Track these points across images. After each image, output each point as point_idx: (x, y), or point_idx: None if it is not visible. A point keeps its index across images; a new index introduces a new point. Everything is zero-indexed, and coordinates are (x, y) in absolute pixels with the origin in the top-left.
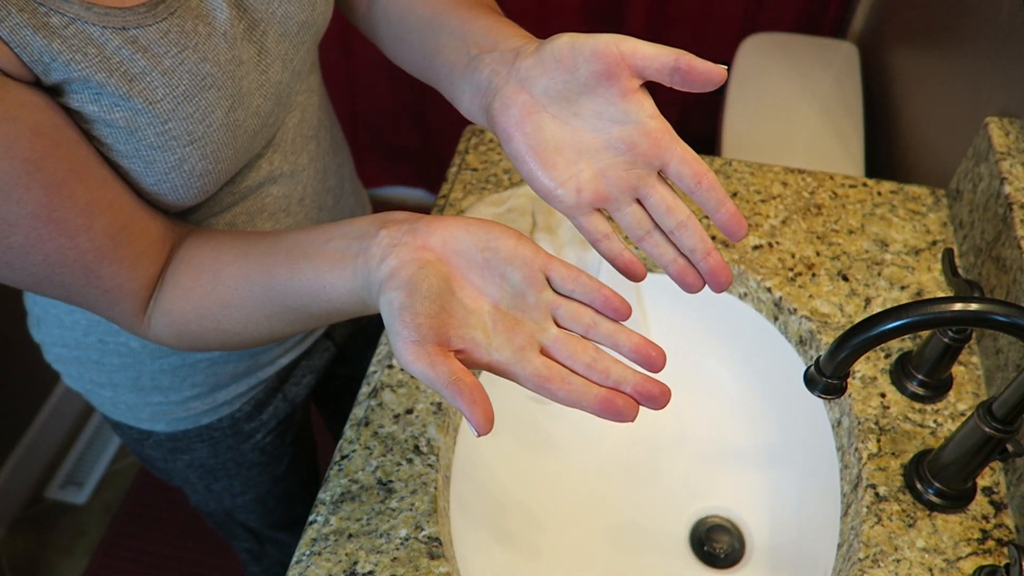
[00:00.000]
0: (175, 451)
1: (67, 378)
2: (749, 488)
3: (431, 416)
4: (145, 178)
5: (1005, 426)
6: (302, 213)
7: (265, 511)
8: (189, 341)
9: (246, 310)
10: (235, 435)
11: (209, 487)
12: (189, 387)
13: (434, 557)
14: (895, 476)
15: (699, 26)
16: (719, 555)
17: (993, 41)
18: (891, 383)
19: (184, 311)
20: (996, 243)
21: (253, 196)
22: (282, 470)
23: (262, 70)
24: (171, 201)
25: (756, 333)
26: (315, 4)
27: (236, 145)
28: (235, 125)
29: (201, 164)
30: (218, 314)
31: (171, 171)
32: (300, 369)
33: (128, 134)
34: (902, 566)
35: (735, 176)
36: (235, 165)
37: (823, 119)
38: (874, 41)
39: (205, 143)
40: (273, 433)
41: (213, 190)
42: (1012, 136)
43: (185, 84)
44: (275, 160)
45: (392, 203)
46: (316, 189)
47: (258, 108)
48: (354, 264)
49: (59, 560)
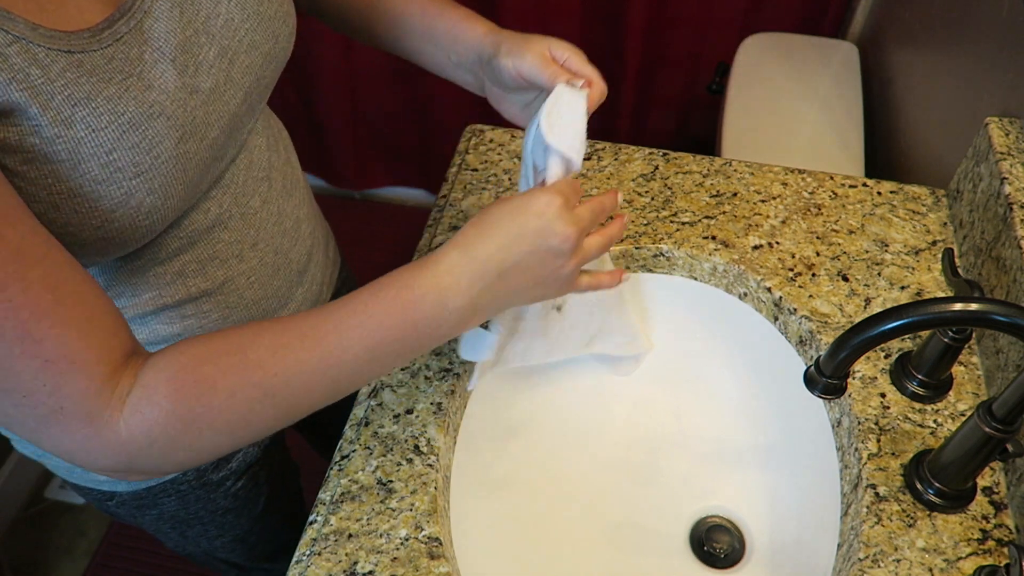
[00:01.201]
0: (142, 508)
1: (16, 443)
2: (749, 488)
3: (431, 416)
4: (91, 217)
5: (1005, 426)
6: (255, 258)
7: (247, 548)
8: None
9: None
10: (203, 487)
11: (183, 534)
12: None
13: (434, 557)
14: (895, 476)
15: (699, 26)
16: (719, 555)
17: (993, 41)
18: (891, 383)
19: (202, 355)
20: (996, 243)
21: (203, 242)
22: (259, 510)
23: (224, 100)
24: (119, 243)
25: (756, 333)
26: (278, 37)
27: (186, 180)
28: (185, 157)
29: (149, 200)
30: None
31: (117, 208)
32: None
33: (71, 167)
34: (902, 566)
35: (735, 176)
36: (184, 202)
37: (823, 119)
38: (874, 41)
39: (153, 176)
40: (244, 477)
41: (160, 227)
42: (1012, 136)
43: (131, 112)
44: (224, 202)
45: (392, 203)
46: (270, 232)
47: (213, 140)
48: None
49: (59, 560)
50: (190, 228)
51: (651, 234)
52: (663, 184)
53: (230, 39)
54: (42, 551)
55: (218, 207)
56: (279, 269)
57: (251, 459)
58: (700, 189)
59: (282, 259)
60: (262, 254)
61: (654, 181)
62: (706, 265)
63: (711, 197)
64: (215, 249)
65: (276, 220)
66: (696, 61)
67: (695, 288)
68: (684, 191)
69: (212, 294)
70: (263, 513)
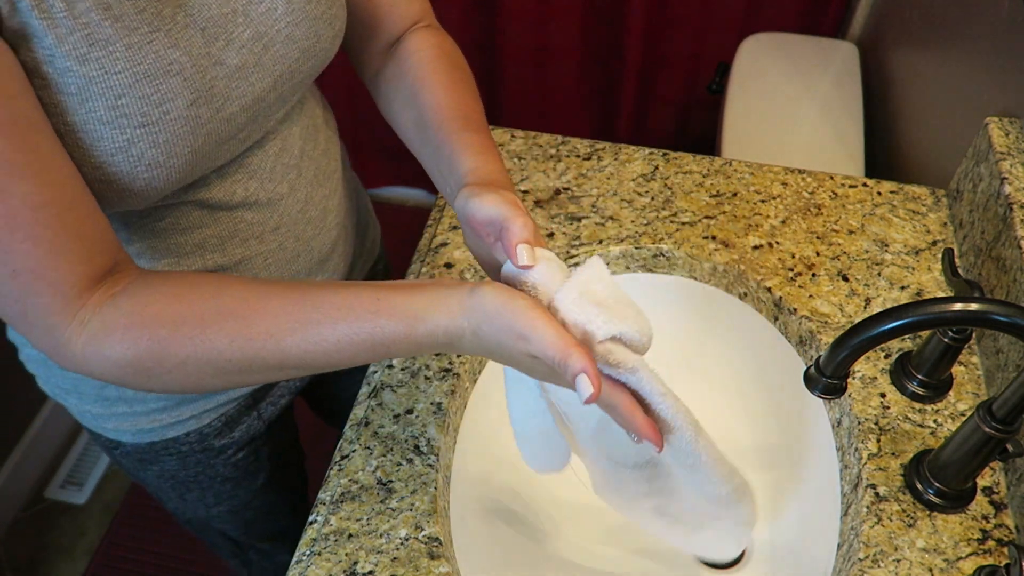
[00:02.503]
0: (143, 462)
1: (39, 381)
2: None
3: (431, 416)
4: (91, 156)
5: (1005, 426)
6: (276, 242)
7: (243, 522)
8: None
9: (255, 323)
10: (204, 450)
11: (182, 497)
12: (154, 399)
13: (434, 557)
14: (895, 476)
15: (699, 26)
16: None
17: (993, 41)
18: (891, 383)
19: (153, 315)
20: (996, 243)
21: (225, 219)
22: (259, 484)
23: (250, 82)
24: (117, 191)
25: (756, 333)
26: (320, 36)
27: (195, 145)
28: (196, 121)
29: (151, 152)
30: (209, 324)
31: (117, 153)
32: (278, 389)
33: (78, 103)
34: (902, 566)
35: (735, 176)
36: (191, 167)
37: (823, 119)
38: (874, 41)
39: (158, 130)
40: (246, 450)
41: (163, 188)
42: (1012, 136)
43: (148, 63)
44: (251, 187)
45: (392, 203)
46: (294, 219)
47: (231, 116)
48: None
49: (59, 560)
50: (214, 204)
51: (651, 234)
52: (663, 184)
53: (268, 27)
54: (42, 551)
55: (244, 190)
56: (299, 255)
57: (254, 432)
58: (700, 189)
59: (303, 246)
60: (283, 239)
61: (654, 181)
62: (706, 265)
63: (711, 197)
64: (236, 228)
65: (302, 208)
66: (696, 61)
67: (695, 288)
68: (684, 191)
69: (228, 270)
70: (262, 489)
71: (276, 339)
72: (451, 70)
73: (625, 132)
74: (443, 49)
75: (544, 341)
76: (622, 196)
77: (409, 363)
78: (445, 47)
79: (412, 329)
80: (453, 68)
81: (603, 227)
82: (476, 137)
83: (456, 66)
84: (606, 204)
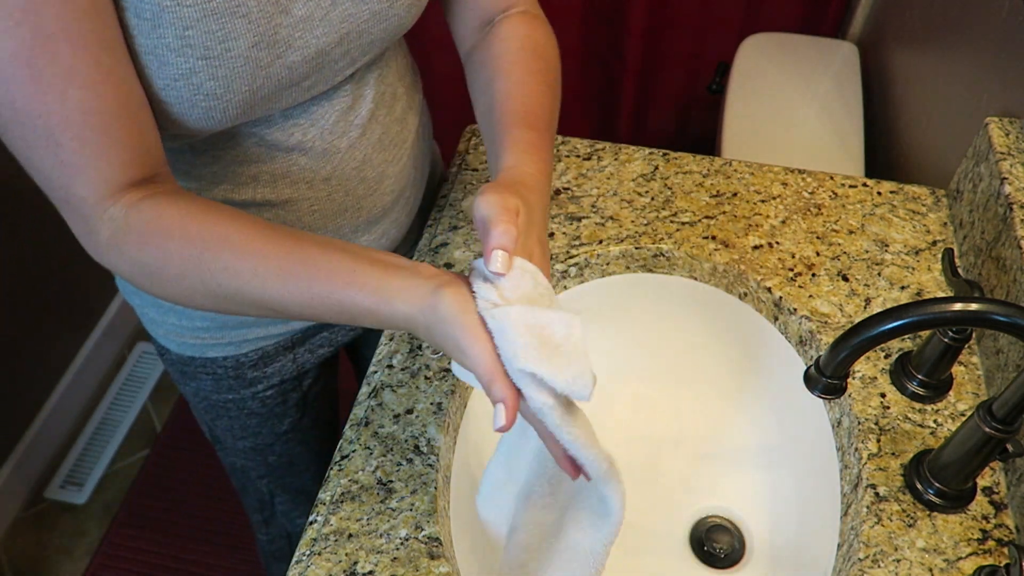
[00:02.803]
0: (184, 375)
1: (117, 281)
2: (749, 488)
3: (431, 416)
4: (156, 79)
5: (1005, 426)
6: (325, 191)
7: (266, 464)
8: (143, 264)
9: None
10: (237, 378)
11: (214, 421)
12: (199, 317)
13: (434, 557)
14: (895, 476)
15: (699, 26)
16: (719, 555)
17: (993, 41)
18: (891, 383)
19: (166, 227)
20: (996, 243)
21: (280, 159)
22: (283, 429)
23: (315, 34)
24: (178, 114)
25: (756, 333)
26: (393, 2)
27: (254, 85)
28: (255, 62)
29: (210, 84)
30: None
31: (180, 79)
32: (318, 339)
33: (151, 28)
34: (902, 566)
35: (735, 176)
36: (249, 105)
37: (823, 119)
38: (874, 41)
39: (219, 65)
40: (275, 389)
41: (221, 119)
42: (1012, 136)
43: (218, 1)
44: (309, 133)
45: None
46: (347, 175)
47: (292, 64)
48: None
49: (59, 560)
50: (272, 142)
51: (651, 234)
52: (663, 184)
53: None
54: (42, 551)
55: (302, 134)
56: (346, 210)
57: (286, 374)
58: (700, 189)
59: (352, 202)
60: (332, 190)
61: (654, 181)
62: (706, 265)
63: (711, 197)
64: (289, 169)
65: (358, 166)
66: (696, 61)
67: (695, 288)
68: (684, 191)
69: (275, 206)
70: (285, 436)
71: (260, 280)
72: (532, 62)
73: (625, 132)
74: (531, 40)
75: (477, 361)
76: (622, 196)
77: (409, 363)
78: (535, 37)
79: (377, 308)
80: (535, 60)
81: (603, 227)
82: (528, 134)
83: (539, 57)
84: (606, 204)
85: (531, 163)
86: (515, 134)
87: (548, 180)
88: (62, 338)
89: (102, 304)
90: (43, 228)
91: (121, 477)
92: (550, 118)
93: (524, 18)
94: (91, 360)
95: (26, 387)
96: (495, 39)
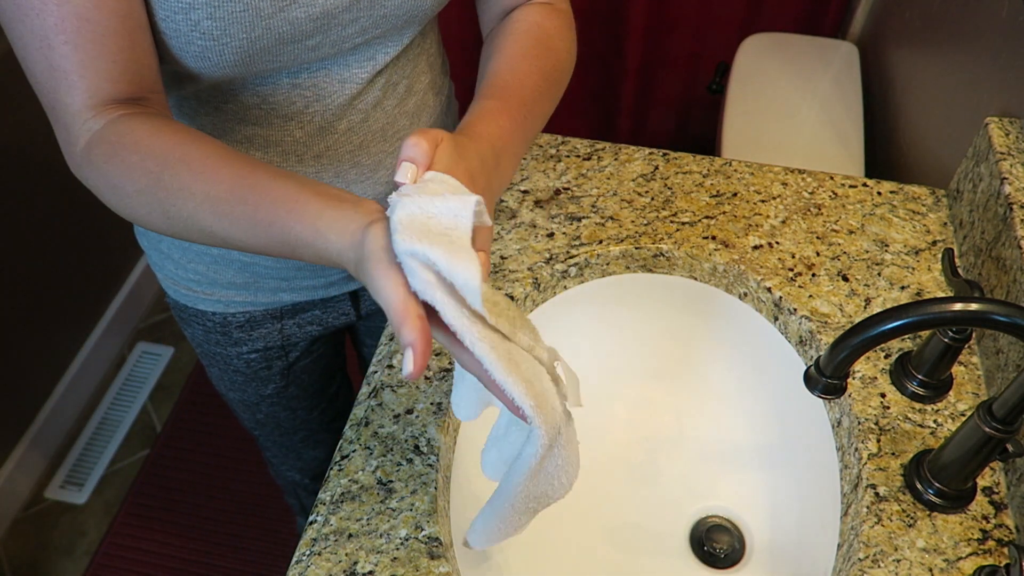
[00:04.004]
0: (182, 320)
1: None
2: (749, 488)
3: (431, 416)
4: (158, 9)
5: (1005, 426)
6: (315, 169)
7: (255, 420)
8: (107, 176)
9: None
10: (224, 335)
11: (209, 368)
12: (192, 271)
13: (434, 557)
14: (895, 476)
15: (699, 26)
16: (719, 555)
17: (993, 41)
18: (891, 383)
19: (133, 142)
20: (996, 243)
21: (279, 125)
22: (268, 392)
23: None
24: (176, 49)
25: (756, 333)
26: None
27: (252, 34)
28: (256, 11)
29: (207, 23)
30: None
31: (179, 12)
32: (307, 315)
33: None
34: (902, 566)
35: (735, 176)
36: (247, 53)
37: (823, 119)
38: (874, 41)
39: (219, 5)
40: (259, 354)
41: (218, 63)
42: (1012, 136)
43: None
44: (313, 106)
45: None
46: (340, 157)
47: (295, 20)
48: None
49: (59, 560)
50: (272, 106)
51: (651, 234)
52: (663, 184)
53: None
54: (42, 551)
55: (304, 104)
56: None
57: (271, 342)
58: (700, 189)
59: (341, 185)
60: (321, 169)
61: (654, 181)
62: (706, 265)
63: (711, 197)
64: (283, 138)
65: (353, 150)
66: (696, 61)
67: (695, 288)
68: (684, 191)
69: None
70: (271, 398)
71: (211, 203)
72: (531, 47)
73: (625, 132)
74: (539, 28)
75: (388, 303)
76: (622, 196)
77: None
78: (544, 26)
79: (314, 241)
80: (535, 45)
81: (603, 227)
82: (494, 103)
83: (541, 44)
84: (606, 204)
85: (482, 123)
86: (481, 104)
87: (500, 140)
88: (62, 338)
89: (102, 304)
90: (43, 229)
91: (121, 477)
92: (530, 97)
93: (541, 8)
94: (91, 360)
95: (26, 387)
96: (506, 24)
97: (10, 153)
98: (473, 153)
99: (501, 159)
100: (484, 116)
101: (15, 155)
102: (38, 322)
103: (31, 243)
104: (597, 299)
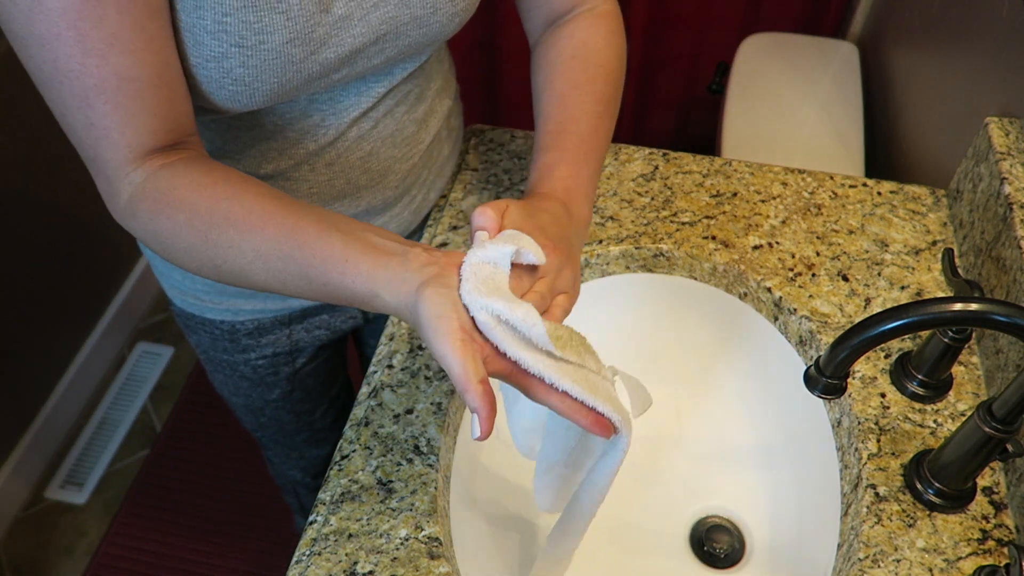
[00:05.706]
0: (187, 327)
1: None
2: (749, 488)
3: (431, 416)
4: (191, 56)
5: (1005, 426)
6: (326, 176)
7: (257, 423)
8: (155, 233)
9: (248, 238)
10: (232, 342)
11: (212, 373)
12: (201, 281)
13: (434, 557)
14: (895, 476)
15: (699, 26)
16: (719, 555)
17: (993, 41)
18: (891, 383)
19: (178, 199)
20: (996, 243)
21: (293, 137)
22: (273, 397)
23: (352, 33)
24: (206, 91)
25: (756, 333)
26: (436, 9)
27: (283, 78)
28: (288, 58)
29: (240, 70)
30: (215, 225)
31: (211, 61)
32: (317, 320)
33: (193, 7)
34: (902, 566)
35: (735, 176)
36: (276, 95)
37: (823, 119)
38: (874, 41)
39: (251, 54)
40: (267, 360)
41: (247, 103)
42: (1012, 136)
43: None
44: (329, 119)
45: None
46: (351, 163)
47: (325, 60)
48: (389, 258)
49: (59, 560)
50: (288, 120)
51: (651, 234)
52: (663, 184)
53: None
54: (42, 551)
55: (320, 119)
56: (345, 197)
57: (279, 348)
58: (700, 189)
59: (352, 190)
60: (333, 176)
61: (654, 181)
62: (706, 265)
63: (711, 197)
64: (295, 148)
65: (363, 156)
66: (696, 61)
67: (695, 288)
68: (684, 191)
69: (271, 179)
70: (276, 403)
71: (262, 261)
72: (579, 73)
73: (625, 132)
74: (586, 47)
75: (450, 370)
76: (622, 196)
77: (409, 363)
78: (591, 44)
79: (368, 300)
80: (583, 70)
81: (603, 227)
82: (552, 156)
83: (590, 64)
84: (606, 204)
85: (545, 182)
86: (540, 159)
87: (566, 192)
88: (62, 338)
89: (102, 304)
90: (43, 229)
91: (121, 477)
92: (587, 131)
93: (587, 20)
94: (91, 360)
95: (26, 387)
96: (553, 43)
97: (10, 153)
98: (540, 211)
99: (571, 207)
100: (545, 173)
101: (15, 155)
102: (38, 322)
103: (31, 243)
104: (597, 299)
